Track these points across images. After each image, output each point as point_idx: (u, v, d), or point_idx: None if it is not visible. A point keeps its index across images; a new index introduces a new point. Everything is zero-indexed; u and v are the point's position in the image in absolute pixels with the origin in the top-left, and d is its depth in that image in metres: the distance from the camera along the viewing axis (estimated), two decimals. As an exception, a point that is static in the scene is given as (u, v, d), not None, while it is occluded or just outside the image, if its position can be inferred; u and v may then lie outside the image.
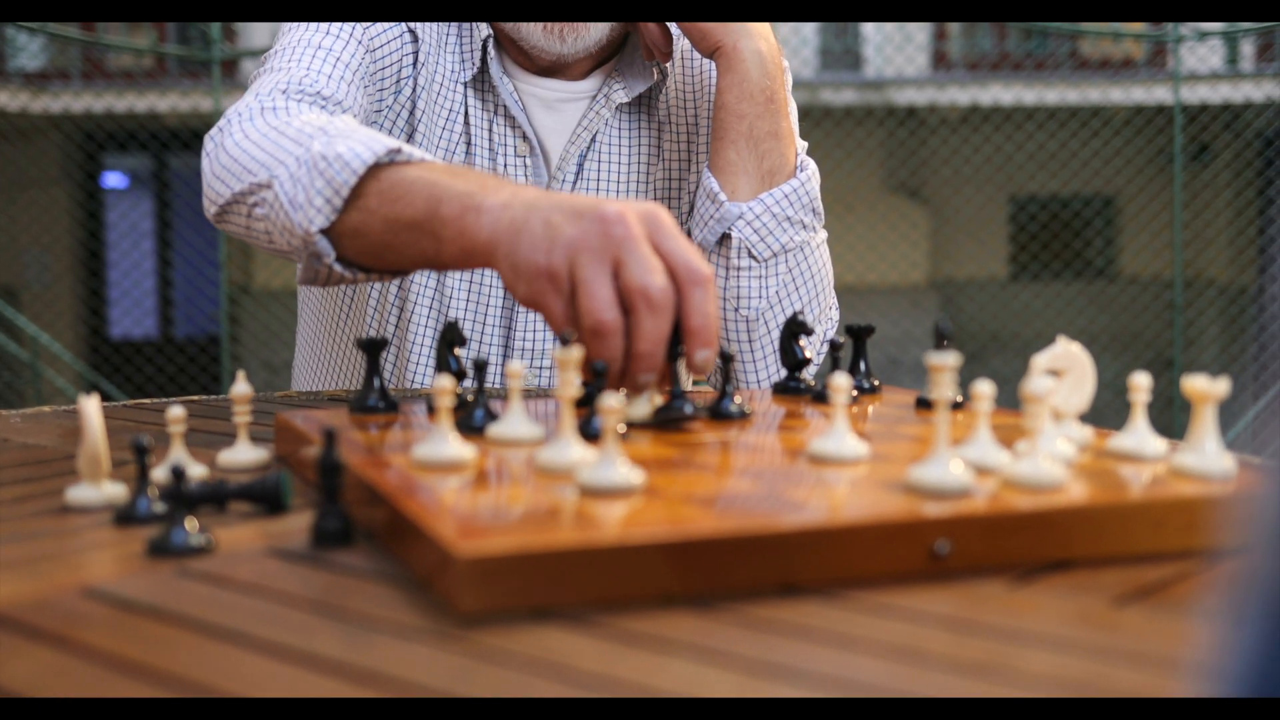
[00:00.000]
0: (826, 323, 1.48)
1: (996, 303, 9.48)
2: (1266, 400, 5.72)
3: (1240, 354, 8.86)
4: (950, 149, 8.79)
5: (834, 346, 1.14)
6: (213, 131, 1.32)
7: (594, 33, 1.46)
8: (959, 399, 1.06)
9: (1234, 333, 8.96)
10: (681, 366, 1.70)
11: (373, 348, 1.08)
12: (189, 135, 7.92)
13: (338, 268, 1.17)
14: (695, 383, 1.78)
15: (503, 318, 1.53)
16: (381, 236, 1.12)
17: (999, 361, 9.74)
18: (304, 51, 1.41)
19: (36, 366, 5.69)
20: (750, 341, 1.42)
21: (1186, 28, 5.72)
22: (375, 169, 1.13)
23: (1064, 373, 0.93)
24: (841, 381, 0.87)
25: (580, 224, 0.95)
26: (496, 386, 1.54)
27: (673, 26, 1.49)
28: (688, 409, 1.00)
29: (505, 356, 1.55)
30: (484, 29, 1.50)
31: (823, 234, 1.46)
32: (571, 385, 0.83)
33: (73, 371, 6.89)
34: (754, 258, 1.40)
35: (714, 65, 1.47)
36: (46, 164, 8.36)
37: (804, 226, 1.42)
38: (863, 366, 1.19)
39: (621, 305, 0.93)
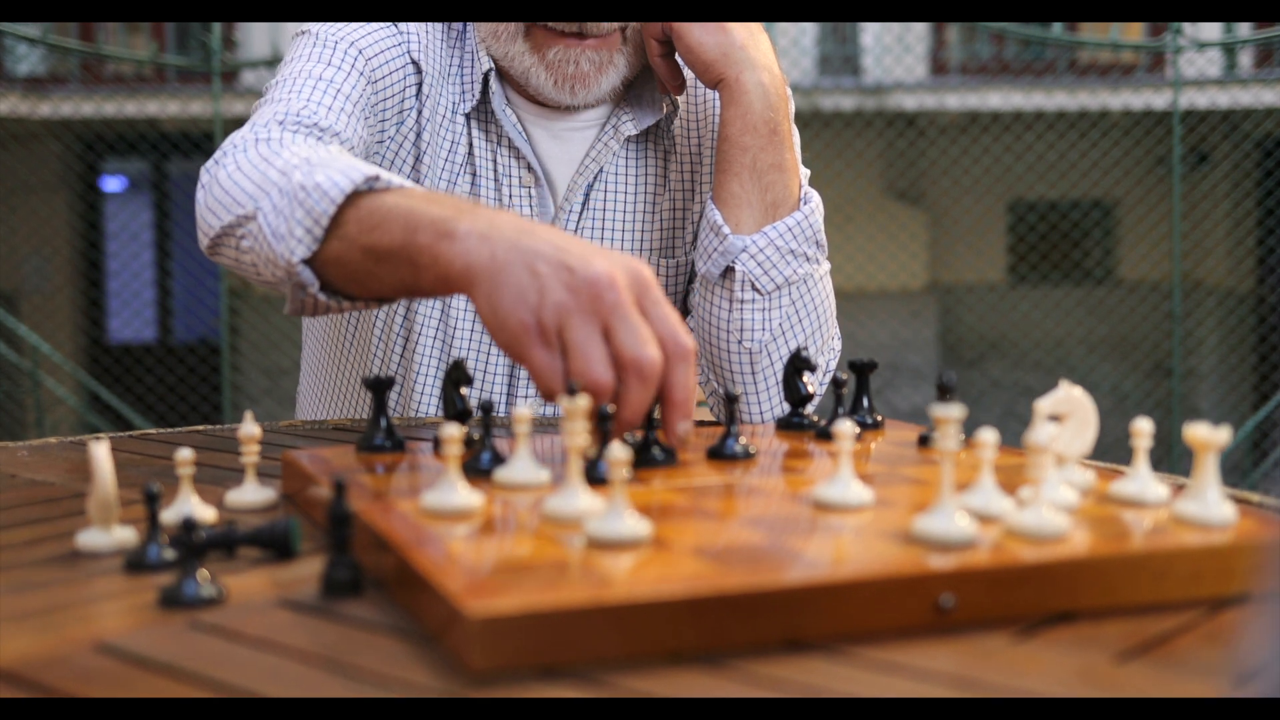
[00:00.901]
0: (829, 353, 1.48)
1: (995, 309, 9.48)
2: (1268, 409, 5.73)
3: (1240, 363, 8.87)
4: (950, 158, 8.81)
5: (837, 384, 1.15)
6: (209, 163, 1.33)
7: (603, 85, 1.46)
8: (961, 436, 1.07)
9: (1233, 341, 8.97)
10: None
11: (379, 387, 1.09)
12: (188, 141, 7.92)
13: (322, 297, 1.18)
14: (699, 403, 1.78)
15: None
16: (362, 264, 1.12)
17: (997, 368, 9.74)
18: (304, 83, 1.41)
19: (36, 375, 5.69)
20: (753, 374, 1.42)
21: (1185, 38, 5.73)
22: (355, 197, 1.13)
23: (1066, 417, 0.94)
24: (846, 428, 0.87)
25: (571, 281, 0.94)
26: (502, 416, 1.55)
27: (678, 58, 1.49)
28: (660, 456, 1.01)
29: (510, 389, 1.55)
30: (485, 61, 1.50)
31: (826, 265, 1.47)
32: (579, 434, 0.84)
33: (73, 381, 6.90)
34: (757, 291, 1.41)
35: (718, 95, 1.48)
36: (45, 170, 8.36)
37: (807, 259, 1.43)
38: (865, 402, 1.20)
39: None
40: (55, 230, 8.80)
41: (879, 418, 1.20)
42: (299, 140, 1.31)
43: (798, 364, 1.20)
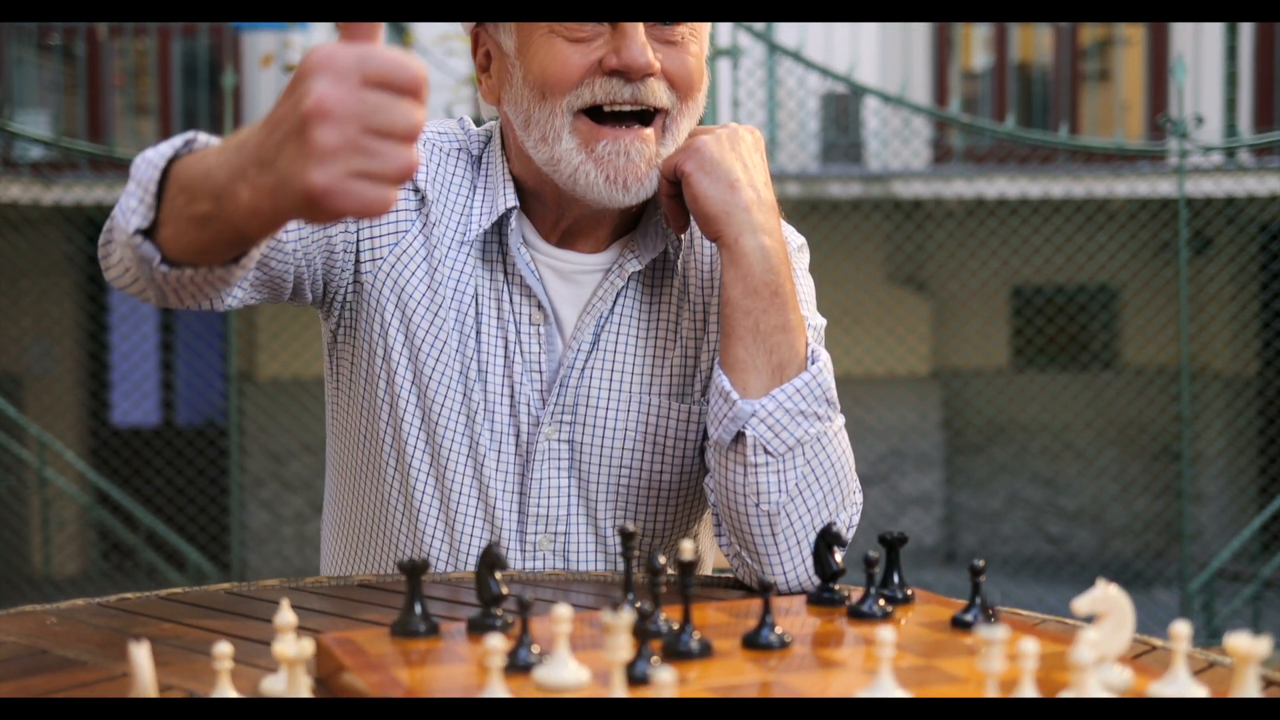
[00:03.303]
0: (850, 508, 1.46)
1: (999, 394, 9.49)
2: (1275, 506, 5.70)
3: (1244, 450, 8.85)
4: (953, 248, 8.85)
5: (869, 562, 1.15)
6: None
7: (652, 181, 1.48)
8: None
9: (1238, 433, 8.95)
10: (710, 547, 1.71)
11: (414, 571, 1.09)
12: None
13: (163, 269, 1.24)
14: (719, 565, 1.77)
15: (514, 482, 1.54)
16: (195, 236, 1.19)
17: (1003, 454, 9.74)
18: None
19: (44, 473, 5.70)
20: (773, 535, 1.41)
21: (1191, 143, 5.84)
22: (177, 165, 1.20)
23: (1103, 616, 0.94)
24: (888, 636, 0.88)
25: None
26: (518, 569, 1.55)
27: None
28: (695, 648, 1.03)
29: (521, 522, 1.55)
30: (510, 198, 1.52)
31: (840, 420, 1.46)
32: (621, 649, 0.84)
33: (82, 479, 6.87)
34: (770, 454, 1.40)
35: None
36: (49, 255, 8.38)
37: (819, 418, 1.42)
38: (895, 577, 1.20)
39: None
40: (60, 315, 8.82)
41: (909, 591, 1.20)
42: None
43: (828, 539, 1.21)
